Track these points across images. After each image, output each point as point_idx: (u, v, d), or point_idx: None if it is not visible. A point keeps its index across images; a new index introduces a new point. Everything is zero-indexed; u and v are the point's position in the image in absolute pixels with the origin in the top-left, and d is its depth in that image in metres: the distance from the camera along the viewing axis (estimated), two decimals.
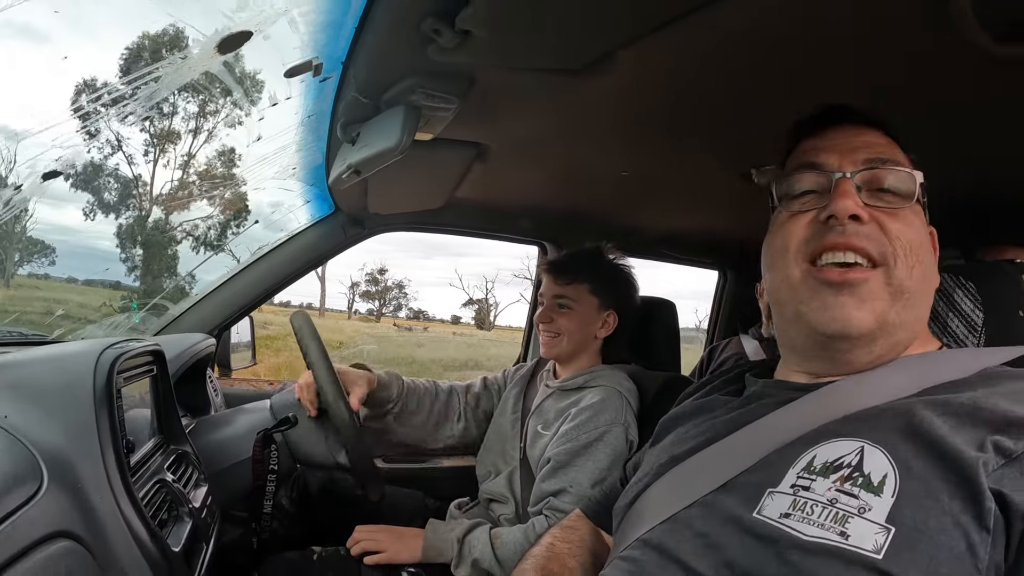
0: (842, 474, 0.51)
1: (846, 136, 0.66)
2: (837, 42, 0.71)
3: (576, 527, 0.88)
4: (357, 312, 30.97)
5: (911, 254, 0.60)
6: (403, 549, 1.17)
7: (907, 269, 0.60)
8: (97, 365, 0.75)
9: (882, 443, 0.51)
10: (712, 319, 2.51)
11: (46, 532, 0.57)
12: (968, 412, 0.51)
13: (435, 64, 0.74)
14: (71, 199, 18.14)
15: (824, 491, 0.51)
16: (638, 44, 0.72)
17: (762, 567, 0.50)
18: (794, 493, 0.52)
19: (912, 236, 0.61)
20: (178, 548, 0.77)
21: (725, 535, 0.55)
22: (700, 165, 1.25)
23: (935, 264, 0.66)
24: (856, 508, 0.48)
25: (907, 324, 0.61)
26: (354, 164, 0.85)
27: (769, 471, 0.57)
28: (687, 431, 0.74)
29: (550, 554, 0.83)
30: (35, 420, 0.69)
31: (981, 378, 0.56)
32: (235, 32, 0.61)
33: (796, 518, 0.51)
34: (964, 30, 0.63)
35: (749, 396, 0.71)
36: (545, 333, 1.35)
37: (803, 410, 0.61)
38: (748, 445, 0.61)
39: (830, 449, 0.54)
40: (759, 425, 0.63)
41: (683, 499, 0.62)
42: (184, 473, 0.96)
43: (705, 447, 0.66)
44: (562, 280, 1.35)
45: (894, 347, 0.62)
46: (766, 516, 0.53)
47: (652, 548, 0.61)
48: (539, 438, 1.28)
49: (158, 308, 1.80)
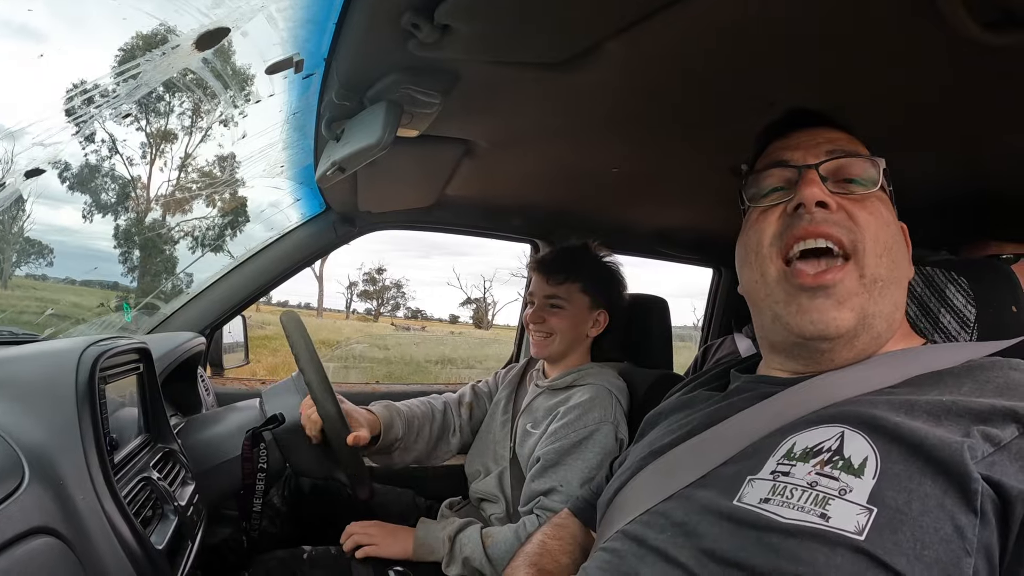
0: (822, 458, 0.51)
1: (809, 135, 0.68)
2: (827, 33, 0.70)
3: (566, 524, 0.89)
4: (355, 312, 30.99)
5: (879, 242, 0.61)
6: (394, 544, 1.18)
7: (876, 257, 0.61)
8: (80, 362, 0.75)
9: (863, 428, 0.51)
10: (707, 317, 2.51)
11: (26, 528, 0.57)
12: (952, 401, 0.51)
13: (417, 60, 0.74)
14: (67, 199, 18.13)
15: (804, 475, 0.51)
16: (626, 35, 0.72)
17: (742, 552, 0.50)
18: (773, 479, 0.52)
19: (879, 224, 0.62)
20: (161, 546, 0.77)
21: (704, 524, 0.55)
22: (692, 161, 1.25)
23: (907, 254, 0.66)
24: (837, 490, 0.48)
25: (884, 313, 0.61)
26: (338, 161, 0.84)
27: (749, 461, 0.57)
28: (669, 426, 0.74)
29: (542, 551, 0.83)
30: (17, 416, 0.69)
31: (966, 369, 0.56)
32: (212, 28, 0.61)
33: (775, 502, 0.50)
34: (952, 18, 0.62)
35: (730, 391, 0.71)
36: (536, 333, 1.35)
37: (783, 402, 0.61)
38: (727, 437, 0.62)
39: (810, 436, 0.54)
40: (738, 418, 0.63)
41: (663, 491, 0.63)
42: (170, 471, 0.96)
43: (685, 440, 0.67)
44: (554, 279, 1.35)
45: (875, 340, 0.62)
46: (745, 503, 0.53)
47: (631, 539, 0.61)
48: (528, 436, 1.28)
49: (150, 307, 1.80)
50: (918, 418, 0.50)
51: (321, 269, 27.01)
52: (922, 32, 0.68)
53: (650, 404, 1.28)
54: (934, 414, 0.50)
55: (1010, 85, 0.77)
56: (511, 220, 1.87)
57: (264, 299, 2.30)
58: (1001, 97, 0.81)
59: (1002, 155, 0.98)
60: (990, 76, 0.76)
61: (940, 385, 0.54)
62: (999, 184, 1.09)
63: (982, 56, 0.70)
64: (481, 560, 1.10)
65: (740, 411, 0.64)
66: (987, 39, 0.66)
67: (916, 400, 0.52)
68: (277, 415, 1.17)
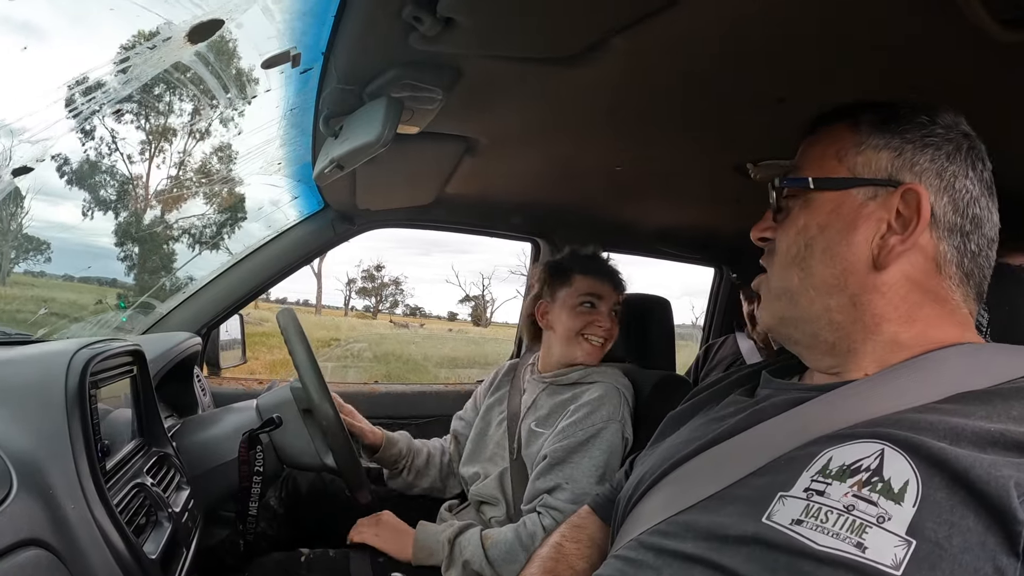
0: (860, 478, 0.48)
1: (796, 152, 0.69)
2: (839, 29, 0.69)
3: (584, 525, 0.87)
4: (353, 309, 30.97)
5: (785, 256, 0.65)
6: (395, 544, 1.19)
7: (780, 271, 0.66)
8: (70, 366, 0.73)
9: (904, 448, 0.48)
10: (708, 316, 2.50)
11: (15, 540, 0.56)
12: (1001, 432, 0.47)
13: (418, 54, 0.72)
14: (67, 196, 18.08)
15: (840, 496, 0.47)
16: (630, 31, 0.70)
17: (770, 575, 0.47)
18: (807, 498, 0.49)
19: (788, 237, 0.65)
20: (155, 555, 0.75)
21: (729, 540, 0.52)
22: (695, 159, 1.23)
23: (848, 243, 0.61)
24: (875, 517, 0.45)
25: (812, 317, 0.63)
26: (337, 158, 0.82)
27: (780, 474, 0.53)
28: (694, 431, 0.72)
29: (558, 555, 0.81)
30: (4, 423, 0.67)
31: (1017, 390, 0.52)
32: (205, 20, 0.58)
33: (808, 525, 0.47)
34: (969, 15, 0.61)
35: (760, 396, 0.68)
36: (597, 338, 1.34)
37: (816, 411, 0.58)
38: (757, 446, 0.59)
39: (847, 451, 0.50)
40: (769, 425, 0.60)
41: (685, 500, 0.60)
42: (165, 476, 0.94)
43: (711, 447, 0.64)
44: (620, 290, 1.38)
45: (836, 339, 0.62)
46: (776, 522, 0.49)
47: (649, 549, 0.59)
48: (535, 436, 1.26)
49: (146, 306, 1.78)
50: (964, 445, 0.47)
51: (319, 266, 26.98)
52: (936, 27, 0.66)
53: (653, 405, 1.28)
54: (980, 443, 0.47)
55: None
56: (511, 218, 1.86)
57: (263, 296, 2.31)
58: (1017, 95, 0.79)
59: (1018, 156, 0.96)
60: (1006, 74, 0.74)
61: (987, 408, 0.50)
62: (1015, 185, 1.07)
63: (998, 53, 0.68)
64: (481, 563, 1.09)
65: (771, 418, 0.61)
66: (1005, 36, 0.64)
67: (962, 425, 0.48)
68: (274, 417, 1.16)
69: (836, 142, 0.64)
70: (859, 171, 0.61)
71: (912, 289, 0.60)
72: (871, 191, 0.60)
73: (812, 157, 0.65)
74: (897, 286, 0.60)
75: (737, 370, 0.82)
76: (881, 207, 0.60)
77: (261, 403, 1.24)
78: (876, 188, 0.60)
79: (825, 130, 0.66)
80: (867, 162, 0.61)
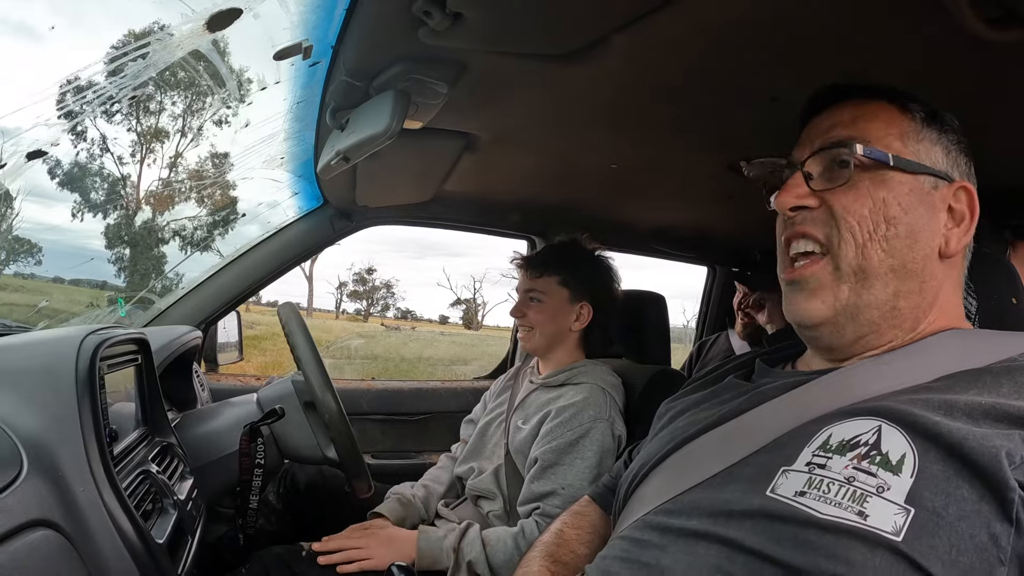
0: (859, 452, 0.50)
1: (819, 122, 0.66)
2: (832, 29, 0.71)
3: (585, 513, 0.88)
4: (345, 312, 30.81)
5: (860, 231, 0.60)
6: (390, 553, 1.14)
7: (855, 248, 0.60)
8: (80, 350, 0.73)
9: (900, 423, 0.50)
10: (701, 315, 2.53)
11: (25, 520, 0.56)
12: (992, 404, 0.49)
13: (426, 48, 0.73)
14: (59, 197, 17.85)
15: (841, 469, 0.49)
16: (632, 28, 0.72)
17: (775, 546, 0.48)
18: (809, 471, 0.51)
19: (864, 209, 0.60)
20: (162, 540, 0.75)
21: (734, 514, 0.53)
22: (690, 158, 1.25)
23: (930, 229, 0.61)
24: (874, 487, 0.47)
25: (879, 303, 0.61)
26: (343, 150, 0.83)
27: (782, 451, 0.55)
28: (695, 414, 0.73)
29: (559, 540, 0.82)
30: (15, 406, 0.67)
31: (1006, 369, 0.54)
32: (224, 9, 0.60)
33: (812, 496, 0.49)
34: (957, 15, 0.63)
35: (759, 380, 0.70)
36: (520, 328, 1.37)
37: (815, 392, 0.60)
38: (758, 426, 0.60)
39: (846, 428, 0.52)
40: (769, 406, 0.62)
41: (688, 480, 0.61)
42: (169, 465, 0.94)
43: (715, 427, 0.65)
44: (532, 273, 1.36)
45: (882, 327, 0.61)
46: (780, 494, 0.51)
47: (653, 528, 0.60)
48: (519, 432, 1.28)
49: (144, 302, 1.77)
50: (957, 419, 0.49)
51: (311, 269, 26.87)
52: (925, 27, 0.68)
53: (649, 400, 1.29)
54: (972, 416, 0.49)
55: (1013, 82, 0.78)
56: (509, 216, 1.87)
57: (253, 299, 2.28)
58: (1004, 93, 0.82)
59: (1007, 149, 0.98)
60: (993, 73, 0.76)
61: (978, 384, 0.53)
62: (999, 182, 1.10)
63: (985, 52, 0.70)
64: (484, 566, 1.10)
65: (771, 399, 0.63)
66: (991, 36, 0.66)
67: (954, 400, 0.51)
68: (276, 409, 1.16)
69: (894, 123, 0.63)
70: (922, 159, 0.62)
71: (948, 278, 0.63)
72: (933, 181, 0.62)
73: (873, 132, 0.62)
74: (950, 274, 0.63)
75: (731, 359, 0.84)
76: (941, 199, 0.62)
77: (262, 396, 1.24)
78: (937, 179, 0.62)
79: (870, 106, 0.64)
80: (927, 152, 0.62)
